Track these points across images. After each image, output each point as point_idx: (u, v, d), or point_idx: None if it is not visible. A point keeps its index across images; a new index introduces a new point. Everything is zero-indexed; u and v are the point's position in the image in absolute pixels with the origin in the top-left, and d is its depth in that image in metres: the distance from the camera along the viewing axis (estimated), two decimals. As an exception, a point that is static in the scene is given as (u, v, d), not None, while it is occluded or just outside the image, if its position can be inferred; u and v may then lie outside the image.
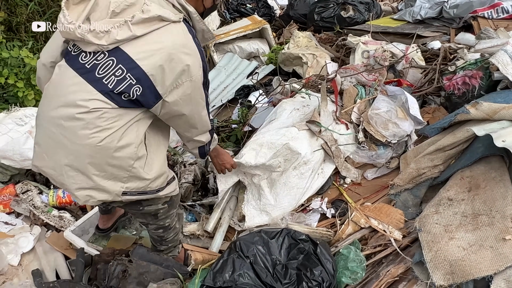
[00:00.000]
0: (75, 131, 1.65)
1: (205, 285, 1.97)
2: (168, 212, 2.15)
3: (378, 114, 2.73)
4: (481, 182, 2.21)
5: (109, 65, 1.63)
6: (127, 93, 1.65)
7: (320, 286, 1.98)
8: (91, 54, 1.65)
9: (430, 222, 2.16)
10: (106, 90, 1.63)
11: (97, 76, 1.63)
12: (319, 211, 2.54)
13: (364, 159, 2.78)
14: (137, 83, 1.64)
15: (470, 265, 1.87)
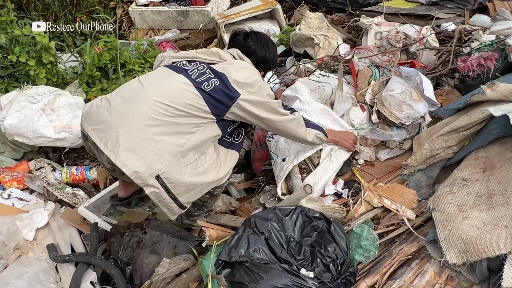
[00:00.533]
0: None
1: (220, 260, 1.99)
2: (206, 200, 2.33)
3: (392, 96, 2.72)
4: (496, 163, 2.20)
5: None
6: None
7: (334, 262, 2.00)
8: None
9: (444, 201, 2.17)
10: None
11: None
12: (334, 193, 2.55)
13: (379, 137, 2.77)
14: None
15: (485, 243, 1.88)
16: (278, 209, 2.20)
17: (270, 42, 2.47)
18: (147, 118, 2.01)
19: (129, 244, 2.33)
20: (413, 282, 1.99)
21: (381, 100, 2.74)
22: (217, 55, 2.30)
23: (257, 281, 1.87)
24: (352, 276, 2.03)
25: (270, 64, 2.49)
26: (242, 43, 2.40)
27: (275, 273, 1.90)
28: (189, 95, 2.08)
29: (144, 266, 2.27)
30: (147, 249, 2.30)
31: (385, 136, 2.73)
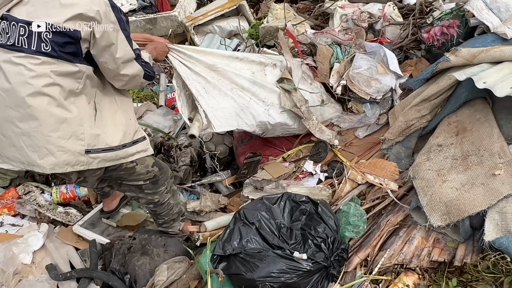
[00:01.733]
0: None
1: (215, 255, 2.04)
2: (154, 188, 2.29)
3: (360, 73, 2.78)
4: (468, 125, 2.29)
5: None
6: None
7: (325, 242, 2.06)
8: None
9: (423, 169, 2.24)
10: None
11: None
12: (314, 175, 2.62)
13: (353, 124, 2.84)
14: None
15: (464, 203, 1.96)
16: (265, 198, 2.26)
17: None
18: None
19: (119, 251, 2.41)
20: (402, 250, 2.06)
21: (349, 79, 2.81)
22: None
23: (253, 269, 1.93)
24: (345, 252, 2.10)
25: None
26: None
27: (270, 259, 1.96)
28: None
29: (137, 269, 2.34)
30: (138, 252, 2.38)
31: (359, 121, 2.77)
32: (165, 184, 2.33)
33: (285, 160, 2.72)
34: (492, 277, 1.76)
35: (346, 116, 2.84)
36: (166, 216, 2.47)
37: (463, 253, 1.94)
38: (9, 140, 1.85)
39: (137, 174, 2.19)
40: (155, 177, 2.26)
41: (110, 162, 2.01)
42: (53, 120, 1.80)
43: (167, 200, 2.41)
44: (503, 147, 2.06)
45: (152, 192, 2.32)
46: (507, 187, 1.90)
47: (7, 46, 1.76)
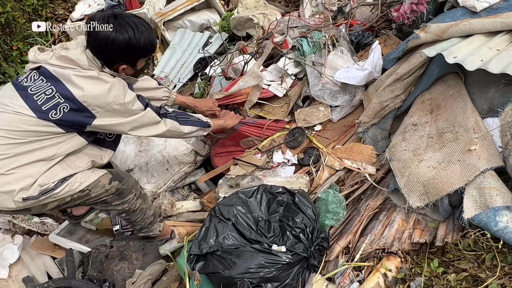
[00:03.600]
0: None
1: (192, 254, 1.98)
2: (121, 199, 2.22)
3: (322, 89, 2.74)
4: (441, 102, 2.24)
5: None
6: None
7: (304, 232, 2.01)
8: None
9: (399, 150, 2.20)
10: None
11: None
12: (289, 162, 2.56)
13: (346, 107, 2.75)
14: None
15: (442, 181, 1.91)
16: (241, 192, 2.20)
17: (130, 23, 1.97)
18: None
19: (96, 259, 2.34)
20: (383, 234, 2.02)
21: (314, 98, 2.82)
22: (70, 61, 1.96)
23: (231, 267, 1.87)
24: (325, 241, 2.05)
25: (137, 53, 2.04)
26: (93, 37, 1.97)
27: (247, 255, 1.90)
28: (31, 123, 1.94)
29: (115, 273, 2.29)
30: (116, 258, 2.33)
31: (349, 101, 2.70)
32: (132, 191, 2.25)
33: (259, 151, 2.65)
34: (474, 255, 1.72)
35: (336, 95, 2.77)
36: (142, 221, 2.39)
37: (444, 232, 1.90)
38: None
39: (96, 196, 2.15)
40: (118, 190, 2.19)
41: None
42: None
43: (139, 206, 2.33)
44: (477, 122, 2.02)
45: (120, 203, 2.25)
46: (484, 162, 1.86)
47: (23, 91, 1.96)
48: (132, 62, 2.09)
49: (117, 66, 2.05)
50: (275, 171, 2.48)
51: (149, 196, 2.60)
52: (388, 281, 1.85)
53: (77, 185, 2.06)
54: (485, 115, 2.05)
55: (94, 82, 1.94)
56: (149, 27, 2.04)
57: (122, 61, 2.05)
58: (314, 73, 2.78)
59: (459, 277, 1.67)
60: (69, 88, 1.92)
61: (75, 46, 2.04)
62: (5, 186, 1.90)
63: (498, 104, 2.01)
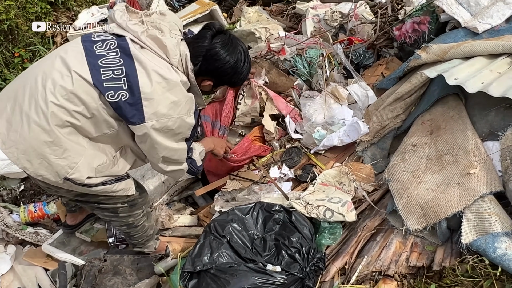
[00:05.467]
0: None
1: (185, 272, 1.94)
2: (130, 211, 2.15)
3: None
4: (441, 123, 2.22)
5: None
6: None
7: (300, 252, 1.98)
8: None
9: (398, 170, 2.18)
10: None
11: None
12: (284, 177, 2.54)
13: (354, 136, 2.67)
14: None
15: (440, 204, 1.89)
16: (237, 209, 2.17)
17: (241, 50, 1.93)
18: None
19: (90, 273, 2.30)
20: (380, 256, 1.98)
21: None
22: (162, 48, 1.74)
23: (224, 286, 1.83)
24: (321, 261, 2.02)
25: (232, 79, 1.97)
26: (206, 43, 1.83)
27: (242, 274, 1.87)
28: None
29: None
30: (109, 273, 2.29)
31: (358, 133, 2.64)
32: (143, 207, 2.21)
33: (256, 168, 2.63)
34: (471, 281, 1.69)
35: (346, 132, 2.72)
36: (140, 238, 2.34)
37: (442, 256, 1.87)
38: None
39: (117, 198, 2.02)
40: (134, 201, 2.12)
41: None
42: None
43: (142, 223, 2.27)
44: (477, 145, 2.00)
45: (127, 215, 2.16)
46: (483, 186, 1.84)
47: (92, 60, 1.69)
48: (218, 83, 1.97)
49: (203, 78, 1.91)
50: (272, 186, 2.45)
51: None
52: (384, 305, 1.82)
53: (130, 187, 1.99)
54: (485, 138, 2.04)
55: (169, 87, 1.72)
56: (250, 62, 2.01)
57: (212, 78, 1.92)
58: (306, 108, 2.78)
59: (456, 304, 1.64)
60: (139, 78, 1.68)
61: (169, 31, 1.78)
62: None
63: (499, 127, 1.99)
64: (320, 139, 2.60)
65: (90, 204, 2.06)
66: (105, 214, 2.13)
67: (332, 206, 2.19)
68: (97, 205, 2.04)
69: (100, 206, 2.04)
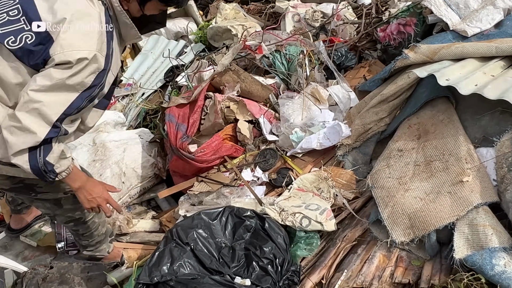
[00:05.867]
0: None
1: (140, 283, 1.68)
2: (75, 203, 1.84)
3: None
4: (430, 127, 2.06)
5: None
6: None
7: (273, 263, 1.75)
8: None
9: (383, 177, 1.99)
10: None
11: None
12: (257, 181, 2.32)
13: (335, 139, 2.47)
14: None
15: (430, 215, 1.71)
16: (204, 213, 1.93)
17: None
18: None
19: (32, 281, 2.01)
20: (361, 270, 1.78)
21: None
22: None
23: (185, 301, 1.59)
24: (295, 275, 1.80)
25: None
26: None
27: (206, 287, 1.62)
28: None
29: None
30: (55, 281, 2.01)
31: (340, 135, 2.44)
32: None
33: (226, 170, 2.39)
34: (465, 301, 1.50)
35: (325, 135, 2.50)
36: (91, 237, 2.06)
37: (430, 272, 1.68)
38: None
39: (56, 185, 1.71)
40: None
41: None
42: None
43: (91, 219, 1.99)
44: (470, 151, 1.84)
45: (72, 208, 1.88)
46: (477, 196, 1.67)
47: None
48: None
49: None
50: (244, 189, 2.22)
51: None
52: (366, 326, 1.61)
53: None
54: (478, 145, 1.88)
55: (79, 16, 1.45)
56: None
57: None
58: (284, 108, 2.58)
59: (448, 327, 1.45)
60: (39, 11, 1.44)
61: None
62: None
63: (493, 133, 1.83)
64: (298, 141, 2.40)
65: (28, 195, 1.77)
66: (47, 207, 1.85)
67: (309, 214, 1.98)
68: (35, 196, 1.75)
69: (39, 196, 1.75)
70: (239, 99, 2.54)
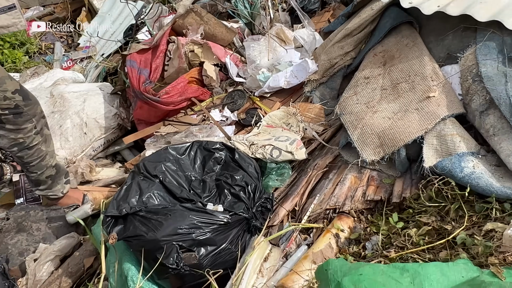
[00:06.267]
0: None
1: (109, 216, 1.61)
2: (17, 124, 1.77)
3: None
4: (395, 53, 2.06)
5: None
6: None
7: (245, 190, 1.72)
8: None
9: (351, 104, 1.98)
10: None
11: None
12: (226, 121, 2.28)
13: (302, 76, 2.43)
14: None
15: (399, 131, 1.71)
16: (172, 148, 1.88)
17: None
18: None
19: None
20: (333, 193, 1.78)
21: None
22: None
23: (156, 228, 1.54)
24: (268, 202, 1.78)
25: None
26: None
27: (177, 214, 1.58)
28: None
29: (10, 247, 1.88)
30: (12, 231, 1.90)
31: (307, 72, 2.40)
32: (33, 121, 1.79)
33: (194, 112, 2.33)
34: (436, 207, 1.52)
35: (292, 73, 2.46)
36: (39, 168, 1.94)
37: (401, 188, 1.69)
38: None
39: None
40: (18, 108, 1.74)
41: None
42: None
43: (37, 145, 1.88)
44: (435, 69, 1.85)
45: (15, 129, 1.79)
46: (444, 109, 1.68)
47: None
48: None
49: None
50: (213, 128, 2.17)
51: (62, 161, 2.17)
52: (341, 242, 1.61)
53: None
54: (443, 63, 1.89)
55: None
56: None
57: None
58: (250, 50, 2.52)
59: (421, 232, 1.46)
60: None
61: None
62: None
63: (457, 50, 1.84)
64: (265, 80, 2.36)
65: None
66: None
67: (279, 145, 1.95)
68: None
69: None
70: (204, 42, 2.46)
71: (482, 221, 1.39)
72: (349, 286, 1.20)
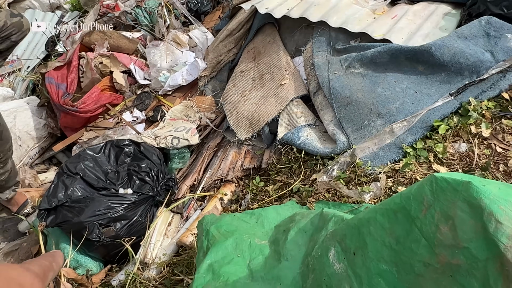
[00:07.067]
0: None
1: (42, 210, 2.07)
2: None
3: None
4: (261, 49, 2.57)
5: None
6: None
7: (149, 174, 2.21)
8: None
9: (230, 94, 2.49)
10: None
11: None
12: (137, 120, 2.74)
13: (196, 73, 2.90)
14: None
15: (262, 114, 2.23)
16: (89, 149, 2.32)
17: None
18: None
19: None
20: (220, 167, 2.30)
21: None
22: None
23: (79, 213, 2.01)
24: (171, 181, 2.27)
25: None
26: None
27: (95, 200, 2.05)
28: None
29: None
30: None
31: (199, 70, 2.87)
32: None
33: (110, 116, 2.78)
34: (287, 168, 2.07)
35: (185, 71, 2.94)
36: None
37: (268, 156, 2.23)
38: None
39: None
40: None
41: None
42: None
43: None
44: (287, 61, 2.37)
45: None
46: (292, 93, 2.21)
47: None
48: None
49: None
50: (125, 128, 2.63)
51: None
52: (224, 203, 2.14)
53: None
54: (293, 55, 2.41)
55: None
56: None
57: None
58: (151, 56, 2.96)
59: (276, 187, 2.01)
60: None
61: None
62: None
63: (302, 44, 2.38)
64: (166, 80, 2.82)
65: None
66: None
67: (178, 134, 2.44)
68: None
69: None
70: (110, 54, 2.89)
71: (311, 174, 1.96)
72: (214, 231, 1.72)
